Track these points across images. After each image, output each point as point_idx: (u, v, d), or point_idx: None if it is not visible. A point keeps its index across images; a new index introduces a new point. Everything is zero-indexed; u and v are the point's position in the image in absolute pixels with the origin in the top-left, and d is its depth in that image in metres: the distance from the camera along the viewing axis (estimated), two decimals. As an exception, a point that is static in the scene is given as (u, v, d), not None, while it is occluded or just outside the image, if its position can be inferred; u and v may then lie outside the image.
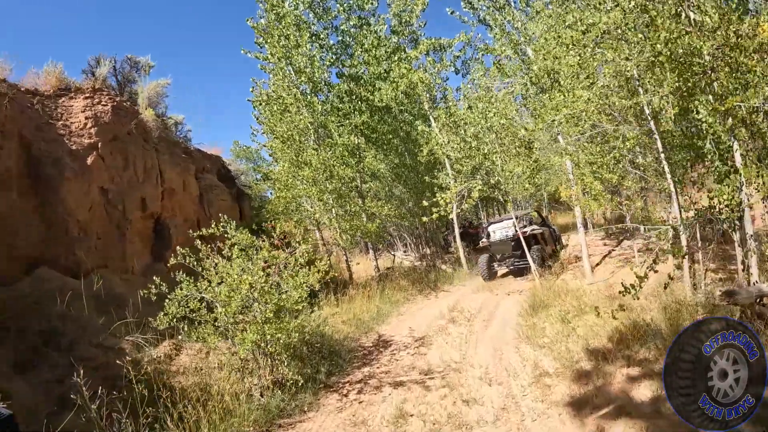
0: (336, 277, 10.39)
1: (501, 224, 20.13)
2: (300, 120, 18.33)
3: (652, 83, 11.59)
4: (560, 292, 14.17)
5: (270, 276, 9.78)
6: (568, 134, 14.77)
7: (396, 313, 15.66)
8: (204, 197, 19.80)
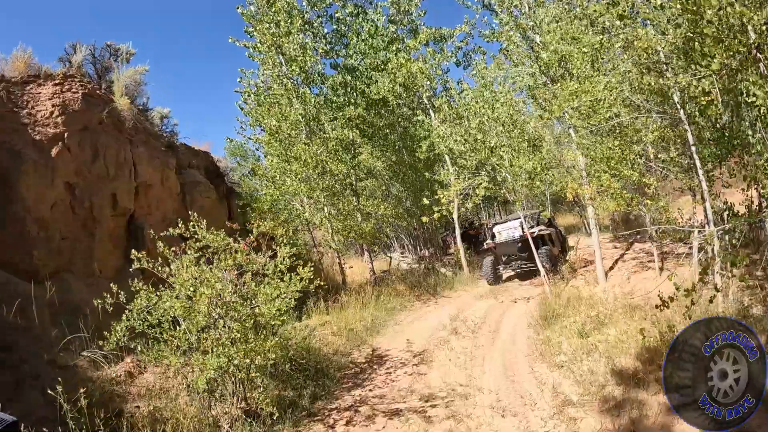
0: (320, 283, 8.77)
1: (507, 224, 18.80)
2: (290, 112, 16.94)
3: (683, 65, 10.31)
4: (573, 300, 12.94)
5: (243, 286, 8.32)
6: (582, 127, 13.43)
7: (392, 323, 14.25)
8: (186, 194, 18.38)
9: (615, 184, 12.43)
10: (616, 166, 12.70)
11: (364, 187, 23.58)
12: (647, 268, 15.22)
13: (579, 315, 11.85)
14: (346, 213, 16.63)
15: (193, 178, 19.43)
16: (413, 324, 13.97)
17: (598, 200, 12.89)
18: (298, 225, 17.12)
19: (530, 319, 12.54)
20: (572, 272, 17.11)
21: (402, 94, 21.56)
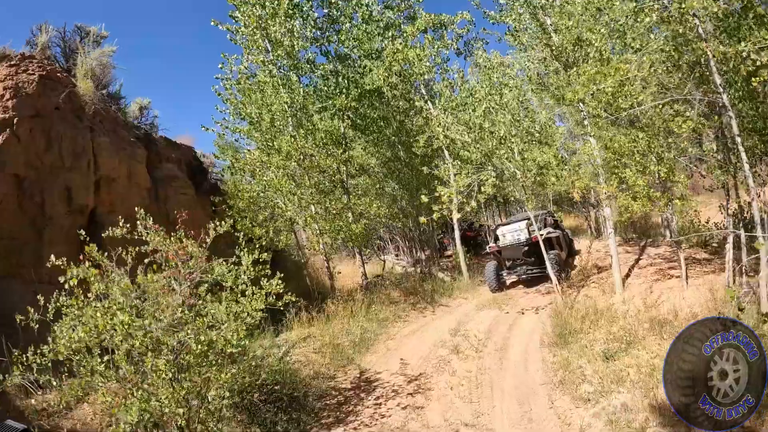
0: (292, 299, 7.13)
1: (512, 226, 17.14)
2: (275, 100, 15.28)
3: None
4: (589, 312, 11.43)
5: (180, 307, 6.63)
6: (602, 116, 11.82)
7: (384, 337, 12.57)
8: (159, 190, 16.73)
9: (640, 181, 10.87)
10: (641, 161, 11.13)
11: (356, 185, 21.95)
12: (669, 276, 13.61)
13: (599, 331, 10.36)
14: (335, 212, 14.94)
15: (168, 172, 17.80)
16: (408, 339, 12.29)
17: (621, 199, 11.29)
18: (281, 225, 15.29)
19: (543, 335, 10.95)
20: (583, 279, 15.52)
21: (398, 84, 19.91)
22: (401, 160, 21.47)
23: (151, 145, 17.92)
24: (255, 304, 6.74)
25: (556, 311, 12.27)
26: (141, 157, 15.53)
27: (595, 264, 16.81)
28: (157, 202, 16.46)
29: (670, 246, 18.22)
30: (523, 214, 20.67)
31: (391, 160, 21.69)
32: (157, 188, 16.66)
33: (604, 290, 13.65)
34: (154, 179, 16.58)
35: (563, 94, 13.02)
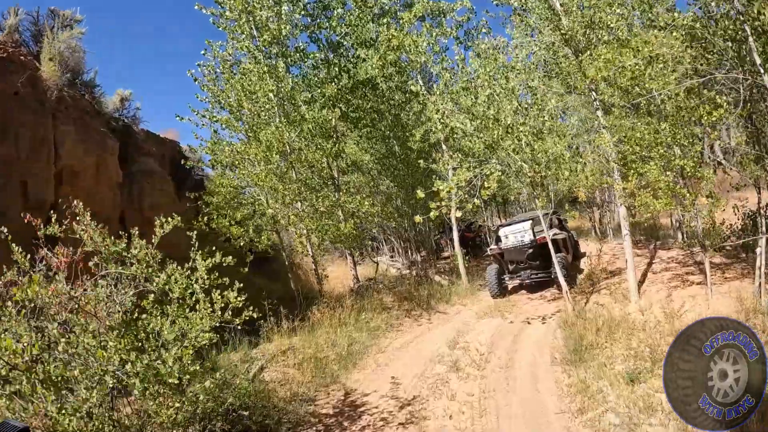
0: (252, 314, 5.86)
1: (515, 227, 15.87)
2: (258, 89, 14.00)
3: None
4: (604, 323, 10.14)
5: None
6: (616, 104, 10.61)
7: (374, 350, 11.28)
8: (134, 186, 15.50)
9: (665, 176, 9.66)
10: (665, 154, 9.90)
11: (348, 182, 20.72)
12: (688, 282, 12.38)
13: (616, 345, 9.15)
14: (322, 210, 13.63)
15: (145, 166, 16.57)
16: (401, 352, 10.99)
17: (642, 197, 10.05)
18: (264, 224, 13.89)
19: (553, 349, 9.68)
20: (593, 285, 14.28)
21: (393, 75, 18.65)
22: (396, 155, 20.24)
23: (130, 137, 16.75)
24: (204, 322, 5.47)
25: (566, 321, 11.03)
26: (112, 148, 14.27)
27: (604, 268, 15.57)
28: (130, 199, 15.29)
29: (683, 249, 17.07)
30: (526, 213, 19.42)
31: (386, 156, 20.43)
32: (131, 183, 15.45)
33: (617, 297, 12.43)
34: (128, 174, 15.40)
35: (575, 82, 11.80)
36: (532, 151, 10.33)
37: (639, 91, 10.24)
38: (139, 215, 15.00)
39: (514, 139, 10.31)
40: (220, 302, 5.85)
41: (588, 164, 11.29)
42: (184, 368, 5.32)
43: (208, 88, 14.06)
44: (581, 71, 11.23)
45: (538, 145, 10.28)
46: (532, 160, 10.52)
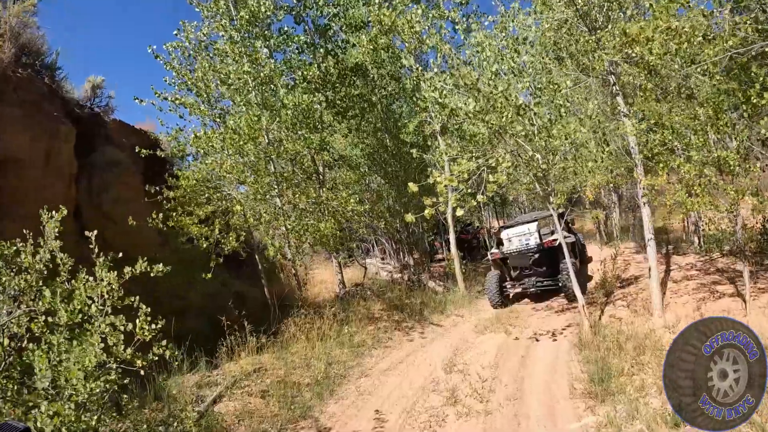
0: (166, 347, 4.25)
1: (519, 229, 14.27)
2: (232, 71, 12.36)
3: None
4: (626, 342, 8.59)
5: None
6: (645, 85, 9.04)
7: (357, 372, 9.57)
8: (94, 178, 13.82)
9: (707, 170, 8.09)
10: (704, 144, 8.34)
11: (335, 178, 19.11)
12: (717, 294, 10.88)
13: (646, 372, 7.63)
14: (301, 208, 11.93)
15: (110, 157, 14.88)
16: (388, 377, 9.28)
17: (678, 194, 8.47)
18: (237, 222, 12.08)
19: (570, 377, 8.06)
20: (606, 295, 12.73)
21: (385, 61, 17.04)
22: (388, 149, 18.62)
23: (99, 127, 15.16)
24: (88, 360, 3.85)
25: (581, 340, 9.44)
26: (66, 135, 12.58)
27: (616, 275, 13.99)
28: (88, 192, 13.61)
29: (700, 255, 15.58)
30: (531, 214, 17.86)
31: (376, 150, 18.82)
32: (90, 175, 13.78)
33: (636, 310, 10.90)
34: (89, 165, 13.73)
35: (592, 63, 10.20)
36: (548, 138, 8.60)
37: (671, 68, 8.69)
38: (97, 211, 13.40)
39: (527, 123, 8.58)
40: (113, 336, 4.19)
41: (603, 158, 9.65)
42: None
43: (172, 66, 12.33)
44: (597, 50, 9.69)
45: (557, 128, 8.57)
46: (546, 149, 8.83)
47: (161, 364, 8.54)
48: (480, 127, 8.71)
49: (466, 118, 8.60)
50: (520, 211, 35.18)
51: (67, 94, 14.59)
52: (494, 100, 8.21)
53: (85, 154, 13.71)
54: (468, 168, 8.42)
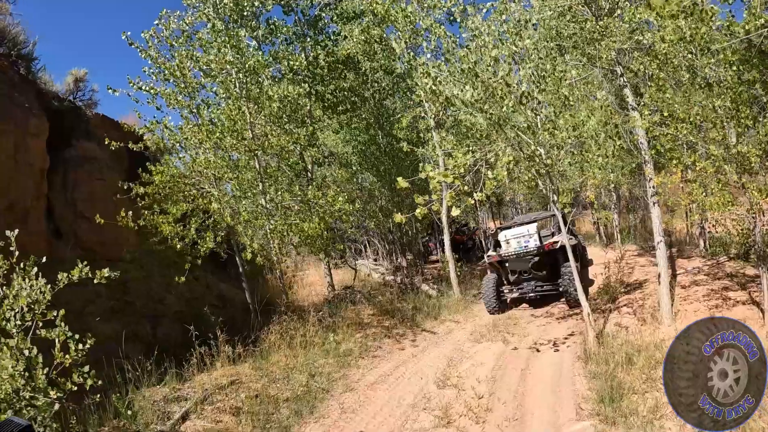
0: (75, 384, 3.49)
1: (518, 230, 13.48)
2: (213, 59, 11.56)
3: None
4: (635, 355, 7.86)
5: None
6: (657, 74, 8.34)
7: (341, 386, 8.71)
8: (68, 174, 13.05)
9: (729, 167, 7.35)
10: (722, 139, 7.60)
11: (325, 177, 18.35)
12: (731, 301, 10.17)
13: (659, 389, 6.72)
14: (284, 206, 11.11)
15: (85, 153, 14.10)
16: (376, 391, 8.46)
17: (695, 193, 7.72)
18: (218, 220, 11.22)
19: (575, 394, 7.29)
20: (609, 301, 11.99)
21: (377, 53, 16.29)
22: (380, 146, 17.88)
23: (79, 121, 14.40)
24: None
25: (586, 351, 8.68)
26: (36, 128, 11.82)
27: (620, 279, 13.24)
28: (62, 189, 12.86)
29: (705, 258, 14.89)
30: (530, 214, 17.12)
31: (368, 147, 18.08)
32: (65, 171, 13.02)
33: (643, 318, 10.13)
34: (62, 160, 12.96)
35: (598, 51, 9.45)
36: (553, 129, 7.78)
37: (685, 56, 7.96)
38: (70, 208, 12.66)
39: (530, 114, 7.76)
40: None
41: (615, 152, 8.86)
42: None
43: (148, 54, 11.49)
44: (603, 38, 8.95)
45: (564, 118, 7.76)
46: (551, 143, 8.02)
47: (128, 375, 7.81)
48: (478, 118, 7.87)
49: (462, 108, 7.80)
50: (516, 212, 34.44)
51: (44, 85, 13.93)
52: (494, 88, 7.40)
53: (60, 149, 12.99)
54: (464, 162, 7.58)
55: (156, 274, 13.11)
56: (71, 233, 12.55)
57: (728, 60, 7.45)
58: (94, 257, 12.51)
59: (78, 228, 12.61)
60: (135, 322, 11.62)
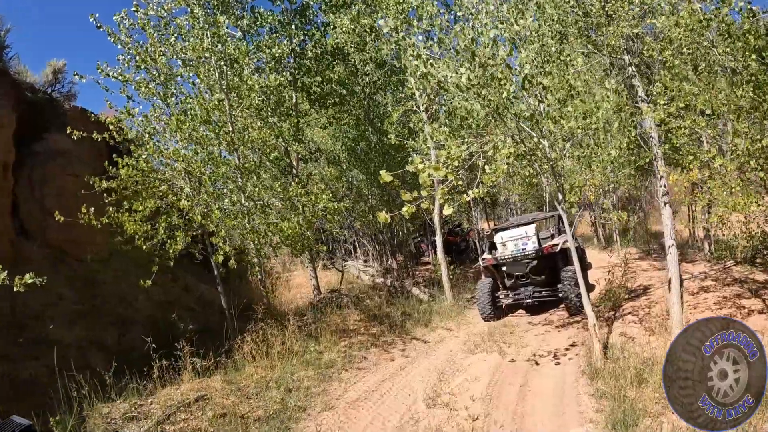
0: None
1: (515, 231, 12.72)
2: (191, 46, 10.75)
3: None
4: (645, 370, 7.07)
5: None
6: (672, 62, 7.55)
7: (320, 404, 7.82)
8: (36, 169, 12.19)
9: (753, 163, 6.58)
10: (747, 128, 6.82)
11: (311, 173, 17.60)
12: (745, 309, 9.55)
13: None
14: (262, 205, 10.22)
15: (56, 146, 13.27)
16: (359, 410, 7.58)
17: (716, 192, 6.93)
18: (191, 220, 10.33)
19: (581, 417, 6.49)
20: (613, 308, 11.22)
21: (368, 44, 15.49)
22: (370, 143, 17.11)
23: (56, 114, 13.61)
24: None
25: (591, 366, 7.88)
26: (2, 120, 10.98)
27: (622, 284, 12.44)
28: (29, 185, 12.00)
29: (711, 263, 14.21)
30: (528, 215, 16.36)
31: (357, 142, 17.31)
32: (33, 166, 12.17)
33: (651, 328, 9.34)
34: (31, 154, 12.12)
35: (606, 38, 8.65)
36: (559, 118, 6.91)
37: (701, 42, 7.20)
38: (38, 205, 11.81)
39: (533, 101, 6.89)
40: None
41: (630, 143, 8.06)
42: None
43: (118, 39, 10.62)
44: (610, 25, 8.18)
45: (574, 104, 6.91)
46: (557, 134, 7.18)
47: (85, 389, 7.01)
48: (475, 104, 6.98)
49: (457, 94, 6.91)
50: (511, 213, 33.65)
51: (19, 76, 13.12)
52: (494, 69, 6.53)
53: (30, 142, 12.18)
54: (459, 154, 6.68)
55: (132, 274, 12.25)
56: (39, 231, 11.71)
57: (751, 45, 6.72)
58: (64, 257, 11.73)
59: (47, 226, 11.77)
60: (101, 328, 10.73)
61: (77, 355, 9.11)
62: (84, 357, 9.17)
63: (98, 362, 8.61)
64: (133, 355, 8.77)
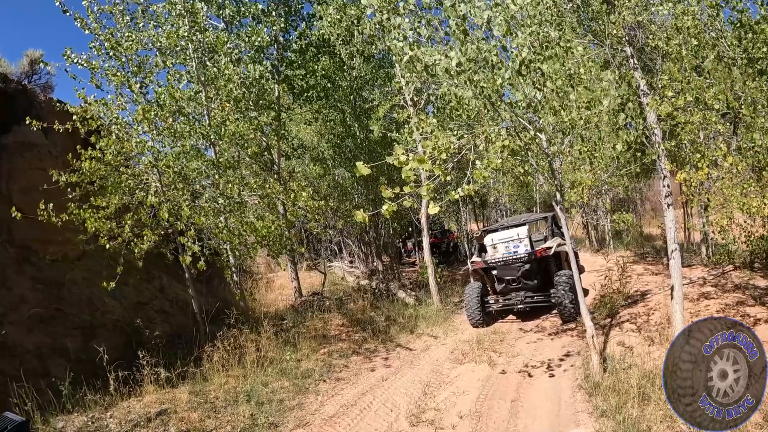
0: None
1: (506, 233, 12.12)
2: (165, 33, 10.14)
3: None
4: (650, 385, 6.49)
5: None
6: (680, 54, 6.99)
7: (294, 419, 7.11)
8: (2, 163, 11.53)
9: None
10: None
11: (297, 172, 17.02)
12: (750, 318, 9.03)
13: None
14: (237, 201, 9.56)
15: (24, 139, 12.59)
16: (334, 427, 6.86)
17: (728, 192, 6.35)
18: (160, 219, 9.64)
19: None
20: (609, 316, 10.66)
21: (354, 34, 14.87)
22: (356, 139, 16.52)
23: (28, 105, 12.94)
24: None
25: (589, 380, 7.30)
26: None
27: (618, 290, 11.86)
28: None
29: (709, 267, 13.68)
30: (519, 216, 15.76)
31: (342, 139, 16.72)
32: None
33: (650, 337, 8.79)
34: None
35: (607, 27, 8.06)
36: (560, 108, 6.26)
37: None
38: (4, 201, 11.14)
39: (529, 89, 6.24)
40: None
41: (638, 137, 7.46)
42: None
43: (85, 24, 9.93)
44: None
45: (578, 91, 6.28)
46: (556, 126, 6.56)
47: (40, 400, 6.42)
48: (466, 92, 6.32)
49: (446, 80, 6.25)
50: (500, 214, 33.08)
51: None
52: (487, 52, 5.86)
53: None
54: (447, 146, 5.98)
55: (104, 276, 11.61)
56: (4, 230, 11.03)
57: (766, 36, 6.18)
58: (30, 257, 11.01)
59: (12, 223, 11.09)
60: (64, 333, 10.04)
61: (36, 362, 8.47)
62: (43, 364, 8.51)
63: (58, 370, 7.98)
64: (97, 363, 8.14)
